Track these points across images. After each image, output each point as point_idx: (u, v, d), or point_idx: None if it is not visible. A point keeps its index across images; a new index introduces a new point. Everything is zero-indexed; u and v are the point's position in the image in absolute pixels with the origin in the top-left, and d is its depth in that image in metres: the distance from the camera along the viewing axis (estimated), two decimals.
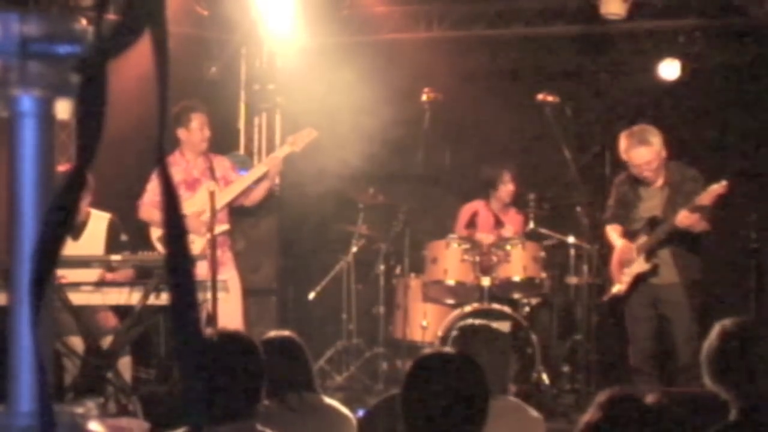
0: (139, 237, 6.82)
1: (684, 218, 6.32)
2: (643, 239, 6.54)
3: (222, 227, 6.69)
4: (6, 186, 0.95)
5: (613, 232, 6.79)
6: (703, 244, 6.63)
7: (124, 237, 6.58)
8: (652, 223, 6.51)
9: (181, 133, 6.80)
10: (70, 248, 6.12)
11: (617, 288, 6.68)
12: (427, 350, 3.17)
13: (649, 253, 6.51)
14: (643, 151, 6.43)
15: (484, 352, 3.66)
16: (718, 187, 6.25)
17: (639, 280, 6.57)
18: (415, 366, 2.91)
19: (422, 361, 2.93)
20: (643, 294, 6.58)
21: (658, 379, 6.55)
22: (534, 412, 3.81)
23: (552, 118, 7.67)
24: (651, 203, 6.59)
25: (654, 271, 6.52)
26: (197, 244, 6.49)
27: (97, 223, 6.51)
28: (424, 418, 2.78)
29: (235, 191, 6.83)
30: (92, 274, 6.24)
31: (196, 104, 6.89)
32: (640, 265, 6.54)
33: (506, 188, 7.92)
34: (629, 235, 6.66)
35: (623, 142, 6.52)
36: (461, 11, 8.92)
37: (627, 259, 6.59)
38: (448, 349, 3.10)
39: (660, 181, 6.56)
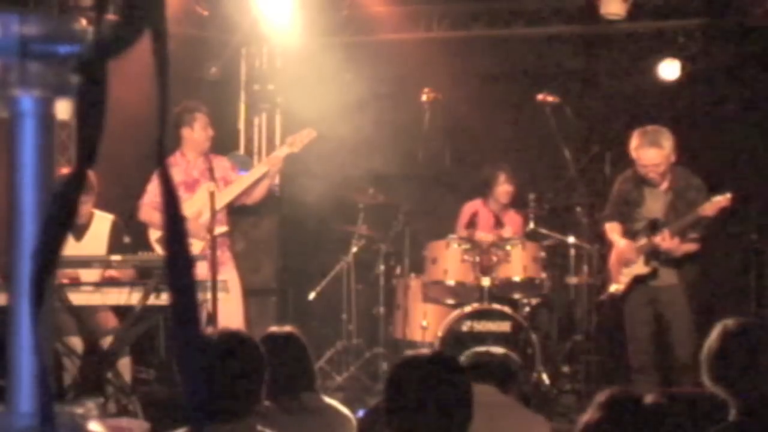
0: (138, 238, 6.81)
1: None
2: (643, 241, 6.48)
3: (221, 228, 6.67)
4: (6, 186, 0.95)
5: (613, 231, 6.70)
6: (704, 245, 6.60)
7: (126, 239, 6.59)
8: (654, 226, 6.44)
9: (186, 132, 6.79)
10: (73, 249, 6.13)
11: (615, 287, 6.65)
12: (406, 354, 3.15)
13: (649, 255, 6.48)
14: (652, 152, 6.33)
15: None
16: (722, 200, 6.17)
17: (637, 281, 6.55)
18: (393, 374, 2.90)
19: (399, 368, 2.91)
20: (642, 294, 6.55)
21: (658, 379, 6.53)
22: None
23: (552, 118, 7.67)
24: (654, 206, 6.52)
25: (653, 274, 6.49)
26: (196, 245, 6.49)
27: (101, 224, 6.53)
28: (409, 424, 2.77)
29: (234, 192, 6.80)
30: (95, 274, 6.24)
31: (198, 104, 6.89)
32: (639, 267, 6.51)
33: (503, 189, 7.89)
34: (630, 234, 6.60)
35: (635, 139, 6.40)
36: (461, 11, 8.92)
37: (627, 259, 6.55)
38: (425, 350, 3.08)
39: (665, 185, 6.47)
